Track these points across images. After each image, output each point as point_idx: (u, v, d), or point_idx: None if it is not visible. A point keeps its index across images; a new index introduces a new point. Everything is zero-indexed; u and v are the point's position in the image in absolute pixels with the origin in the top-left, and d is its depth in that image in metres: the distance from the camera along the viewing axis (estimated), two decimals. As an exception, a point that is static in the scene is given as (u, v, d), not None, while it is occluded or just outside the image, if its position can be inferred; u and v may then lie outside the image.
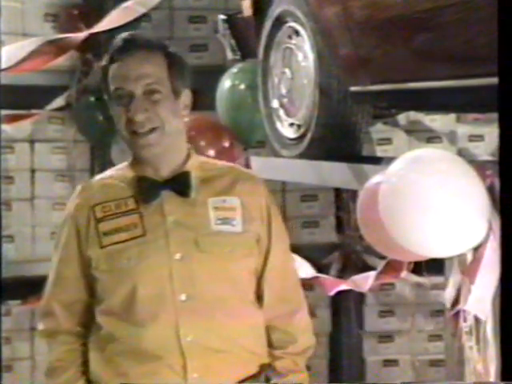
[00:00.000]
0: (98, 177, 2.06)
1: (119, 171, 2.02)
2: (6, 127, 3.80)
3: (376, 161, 2.63)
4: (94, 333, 2.01)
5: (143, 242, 1.93)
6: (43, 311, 2.08)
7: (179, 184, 1.95)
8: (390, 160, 2.27)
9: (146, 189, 1.95)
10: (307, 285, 3.96)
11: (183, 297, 1.91)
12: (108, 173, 2.05)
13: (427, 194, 2.04)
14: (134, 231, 1.93)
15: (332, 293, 3.14)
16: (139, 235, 1.93)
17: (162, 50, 1.93)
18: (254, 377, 1.99)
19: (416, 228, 2.08)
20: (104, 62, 1.94)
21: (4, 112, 3.77)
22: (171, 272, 1.92)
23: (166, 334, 1.91)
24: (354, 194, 3.90)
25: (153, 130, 1.88)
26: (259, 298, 2.01)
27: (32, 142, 3.91)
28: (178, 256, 1.92)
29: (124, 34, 1.97)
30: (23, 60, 3.07)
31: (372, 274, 2.95)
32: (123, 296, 1.94)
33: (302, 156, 2.70)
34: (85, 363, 2.02)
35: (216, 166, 2.03)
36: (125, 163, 2.01)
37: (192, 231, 1.93)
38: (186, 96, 1.96)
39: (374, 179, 2.24)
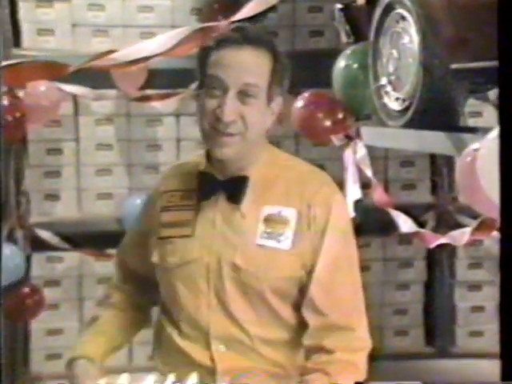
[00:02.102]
0: (185, 160, 1.76)
1: (194, 162, 1.67)
2: (156, 104, 3.76)
3: (472, 130, 2.49)
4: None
5: (188, 243, 1.59)
6: None
7: (233, 188, 1.58)
8: (485, 130, 2.15)
9: (204, 185, 1.60)
10: (405, 240, 3.90)
11: (218, 307, 1.57)
12: (193, 158, 1.72)
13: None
14: (185, 229, 1.59)
15: (432, 246, 3.02)
16: (187, 234, 1.59)
17: (270, 50, 1.56)
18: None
19: (511, 188, 1.93)
20: (209, 44, 1.57)
21: (155, 91, 3.74)
22: (208, 283, 1.57)
23: (199, 344, 1.58)
24: (447, 161, 3.77)
25: (235, 134, 1.53)
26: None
27: (178, 115, 3.86)
28: (214, 267, 1.57)
29: (237, 24, 1.64)
30: (174, 46, 3.03)
31: (468, 230, 2.81)
32: (168, 293, 1.64)
33: (405, 126, 2.56)
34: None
35: (285, 166, 1.62)
36: (202, 154, 1.66)
37: (234, 242, 1.56)
38: (278, 104, 1.59)
39: (473, 146, 2.10)
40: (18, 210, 3.67)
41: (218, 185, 1.59)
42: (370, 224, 3.70)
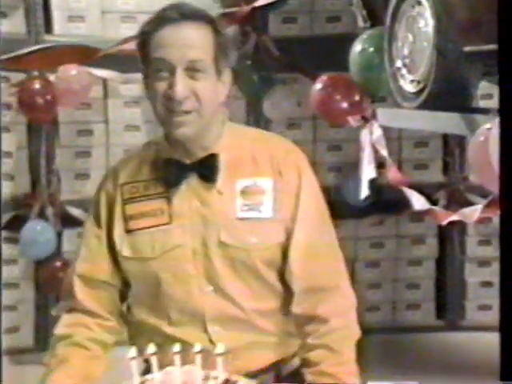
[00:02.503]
0: (133, 153, 1.61)
1: (153, 150, 1.55)
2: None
3: (484, 111, 2.44)
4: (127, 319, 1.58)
5: (168, 231, 1.48)
6: (65, 290, 1.58)
7: (205, 168, 1.49)
8: (496, 111, 2.11)
9: (171, 172, 1.49)
10: (417, 217, 3.86)
11: (210, 289, 1.49)
12: (144, 150, 1.58)
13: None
14: (160, 218, 1.49)
15: (444, 223, 2.97)
16: (165, 223, 1.49)
17: (210, 24, 1.47)
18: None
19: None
20: (147, 28, 1.46)
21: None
22: (196, 266, 1.48)
23: (194, 328, 1.49)
24: (459, 141, 3.72)
25: (189, 111, 1.44)
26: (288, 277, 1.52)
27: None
28: (200, 250, 1.48)
29: (173, 3, 1.48)
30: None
31: (479, 207, 2.75)
32: (149, 285, 1.51)
33: (420, 107, 2.50)
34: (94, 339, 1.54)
35: (249, 138, 1.54)
36: (160, 141, 1.56)
37: (216, 221, 1.48)
38: (228, 76, 1.52)
39: (485, 126, 2.05)
40: (49, 189, 3.68)
41: (187, 168, 1.50)
42: (384, 202, 3.67)
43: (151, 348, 1.32)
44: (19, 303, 3.75)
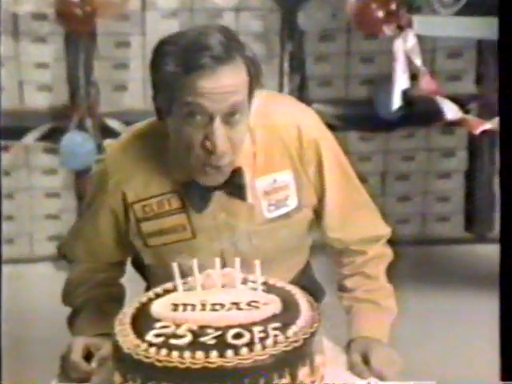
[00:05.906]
0: (127, 154, 1.37)
1: (154, 154, 1.34)
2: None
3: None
4: None
5: (193, 243, 1.37)
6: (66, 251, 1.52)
7: (231, 187, 1.33)
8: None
9: (195, 199, 1.33)
10: (448, 130, 3.83)
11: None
12: (139, 147, 1.36)
13: None
14: (183, 233, 1.37)
15: (477, 131, 2.96)
16: (188, 238, 1.37)
17: (241, 55, 1.27)
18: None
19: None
20: (172, 68, 1.25)
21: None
22: (225, 259, 1.32)
23: None
24: (493, 52, 3.65)
25: (226, 165, 1.29)
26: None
27: (237, 10, 3.79)
28: (230, 249, 1.38)
29: (203, 40, 1.25)
30: None
31: (513, 114, 2.75)
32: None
33: (457, 14, 2.51)
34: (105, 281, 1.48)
35: (259, 127, 1.33)
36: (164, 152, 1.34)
37: (245, 228, 1.38)
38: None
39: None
40: (88, 100, 3.70)
41: (212, 189, 1.34)
42: (415, 115, 3.65)
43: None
44: (61, 212, 3.83)
